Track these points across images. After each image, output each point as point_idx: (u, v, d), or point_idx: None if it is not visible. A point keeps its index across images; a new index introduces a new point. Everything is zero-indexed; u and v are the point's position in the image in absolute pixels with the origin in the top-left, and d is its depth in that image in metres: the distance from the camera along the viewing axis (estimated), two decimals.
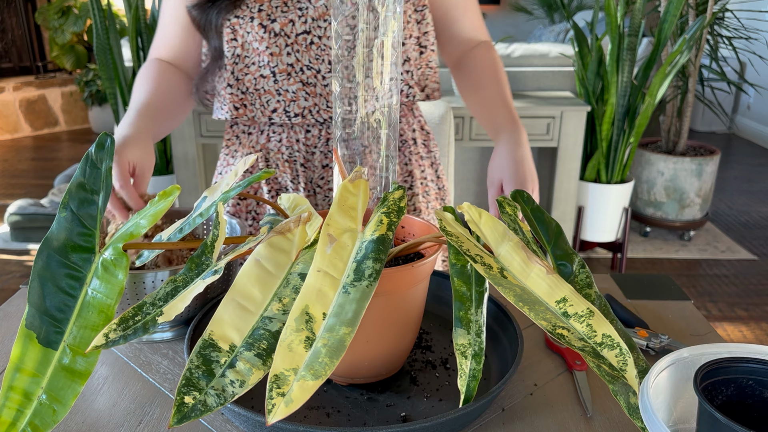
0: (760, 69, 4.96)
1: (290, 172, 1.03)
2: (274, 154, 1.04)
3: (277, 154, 1.03)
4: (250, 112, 1.01)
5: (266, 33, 0.95)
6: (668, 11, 2.64)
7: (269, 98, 0.99)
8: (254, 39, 0.96)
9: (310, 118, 1.00)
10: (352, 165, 0.81)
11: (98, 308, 0.57)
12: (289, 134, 1.02)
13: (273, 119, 1.01)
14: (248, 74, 0.99)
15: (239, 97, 1.00)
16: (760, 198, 3.98)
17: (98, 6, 2.60)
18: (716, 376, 0.51)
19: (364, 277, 0.54)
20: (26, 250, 3.13)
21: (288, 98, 0.99)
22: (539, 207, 0.72)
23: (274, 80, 0.98)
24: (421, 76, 1.06)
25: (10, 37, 5.46)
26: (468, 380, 0.58)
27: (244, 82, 0.99)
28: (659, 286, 0.97)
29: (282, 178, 1.05)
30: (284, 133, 1.02)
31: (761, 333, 2.46)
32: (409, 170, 1.10)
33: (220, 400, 0.50)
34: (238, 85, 1.00)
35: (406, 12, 0.98)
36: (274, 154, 1.03)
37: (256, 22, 0.95)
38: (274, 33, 0.95)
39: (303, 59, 0.97)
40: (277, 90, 0.99)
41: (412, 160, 1.10)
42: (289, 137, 1.02)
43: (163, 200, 0.61)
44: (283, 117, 1.00)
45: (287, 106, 0.99)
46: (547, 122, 2.66)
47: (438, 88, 1.09)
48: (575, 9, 5.63)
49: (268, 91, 0.99)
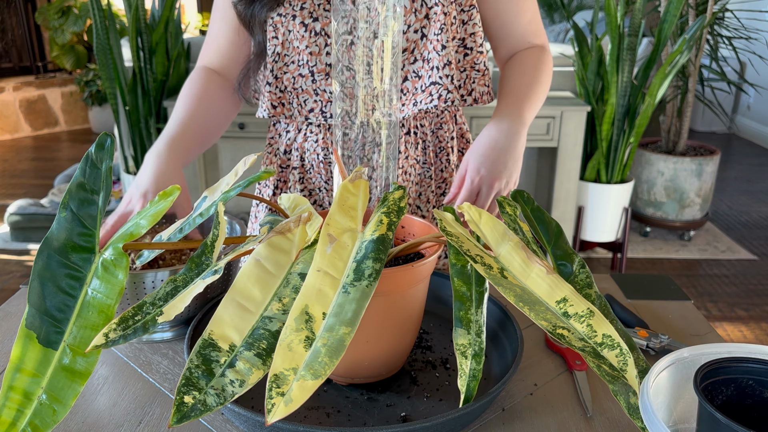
0: (760, 69, 4.96)
1: (324, 173, 1.03)
2: (309, 155, 1.03)
3: (313, 155, 1.03)
4: (287, 111, 1.01)
5: (307, 32, 0.95)
6: (668, 11, 2.64)
7: (307, 98, 0.99)
8: (295, 37, 0.96)
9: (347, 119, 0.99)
10: (353, 165, 0.81)
11: (98, 308, 0.57)
12: (326, 135, 1.01)
13: (309, 119, 1.00)
14: (287, 73, 0.98)
15: (277, 95, 1.00)
16: (760, 198, 3.98)
17: (98, 6, 2.60)
18: (716, 376, 0.51)
19: (363, 276, 0.54)
20: (26, 250, 3.13)
21: (325, 99, 0.98)
22: (539, 207, 0.72)
23: (312, 80, 0.97)
24: (467, 79, 1.02)
25: (10, 37, 5.46)
26: (468, 380, 0.58)
27: (283, 80, 0.99)
28: (659, 286, 0.97)
29: (316, 178, 1.04)
30: (321, 133, 1.02)
31: (761, 333, 2.46)
32: (444, 177, 1.07)
33: (219, 399, 0.50)
34: (277, 84, 0.99)
35: (450, 14, 0.95)
36: (309, 154, 1.03)
37: (298, 20, 0.95)
38: (315, 32, 0.95)
39: (343, 60, 0.97)
40: (315, 90, 0.98)
41: (448, 168, 1.07)
42: (325, 138, 1.01)
43: (163, 200, 0.61)
44: (319, 117, 0.99)
45: (324, 106, 0.99)
46: (547, 122, 2.66)
47: (488, 92, 1.04)
48: (575, 9, 5.63)
49: (306, 90, 0.98)
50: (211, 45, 1.06)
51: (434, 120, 1.04)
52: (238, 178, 0.69)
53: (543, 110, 2.64)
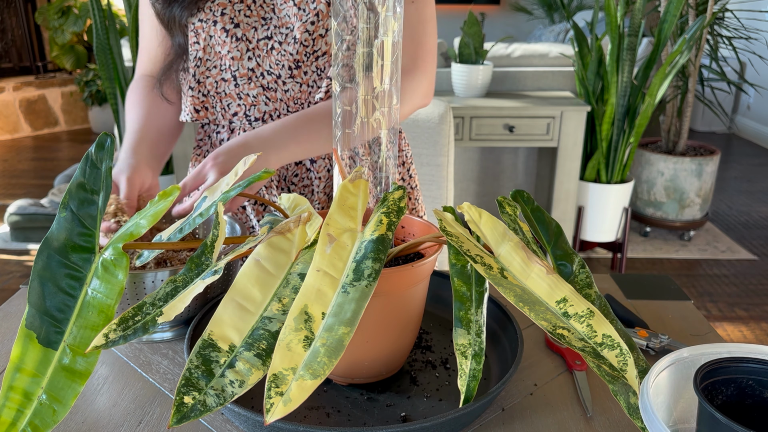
0: (760, 69, 4.96)
1: None
2: None
3: None
4: (211, 115, 1.02)
5: (228, 37, 0.96)
6: (668, 11, 2.64)
7: (230, 101, 1.00)
8: (216, 42, 0.97)
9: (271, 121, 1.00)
10: (352, 165, 0.81)
11: (98, 308, 0.57)
12: None
13: (233, 122, 1.01)
14: (209, 77, 1.00)
15: (200, 99, 1.01)
16: (760, 198, 3.98)
17: (98, 6, 2.60)
18: (716, 376, 0.51)
19: (363, 276, 0.54)
20: (26, 250, 3.13)
21: (248, 102, 0.99)
22: (539, 207, 0.72)
23: (235, 84, 0.99)
24: None
25: (10, 37, 5.46)
26: (468, 380, 0.58)
27: (206, 84, 1.00)
28: (659, 286, 0.97)
29: None
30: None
31: (761, 333, 2.46)
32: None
33: (219, 400, 0.50)
34: (200, 88, 1.01)
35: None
36: None
37: (219, 26, 0.96)
38: (236, 38, 0.96)
39: (264, 64, 0.98)
40: (238, 94, 0.99)
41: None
42: None
43: (163, 200, 0.61)
44: (243, 121, 1.01)
45: (248, 110, 1.00)
46: (547, 122, 2.66)
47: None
48: (575, 9, 5.63)
49: (229, 94, 1.00)
50: (144, 54, 1.08)
51: None
52: (238, 178, 0.69)
53: (543, 110, 2.64)
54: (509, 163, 3.06)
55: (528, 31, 6.44)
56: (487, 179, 3.08)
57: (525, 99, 2.76)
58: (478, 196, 3.08)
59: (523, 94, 2.86)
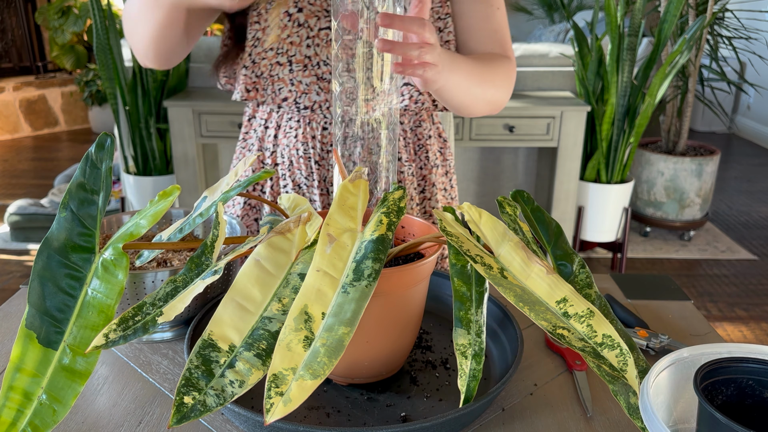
0: (760, 69, 4.96)
1: (305, 168, 1.03)
2: (289, 150, 1.03)
3: (292, 150, 1.03)
4: (261, 97, 1.02)
5: (290, 21, 0.96)
6: (668, 11, 2.64)
7: (282, 86, 1.00)
8: (277, 25, 0.97)
9: (320, 113, 1.00)
10: (353, 165, 0.81)
11: (98, 308, 0.57)
12: (305, 130, 1.02)
13: (282, 107, 1.01)
14: (265, 59, 0.99)
15: (252, 80, 1.01)
16: (760, 198, 3.98)
17: (98, 6, 2.60)
18: (716, 376, 0.51)
19: (363, 276, 0.54)
20: (26, 250, 3.13)
21: (300, 90, 0.99)
22: (539, 207, 0.72)
23: (289, 69, 0.98)
24: None
25: (10, 37, 5.46)
26: (468, 380, 0.58)
27: (260, 66, 1.00)
28: (659, 286, 0.97)
29: (296, 175, 1.04)
30: (300, 129, 1.02)
31: (761, 333, 2.46)
32: (423, 174, 1.08)
33: (219, 400, 0.50)
34: (254, 68, 1.00)
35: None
36: (289, 150, 1.03)
37: (282, 9, 0.96)
38: (298, 23, 0.96)
39: (321, 54, 0.98)
40: (291, 80, 0.99)
41: (428, 165, 1.08)
42: (305, 133, 1.02)
43: (163, 200, 0.61)
44: (292, 107, 1.00)
45: (298, 97, 0.99)
46: (547, 122, 2.66)
47: None
48: (575, 9, 5.63)
49: (282, 79, 0.99)
50: None
51: (413, 117, 1.06)
52: (238, 178, 0.69)
53: (543, 110, 2.64)
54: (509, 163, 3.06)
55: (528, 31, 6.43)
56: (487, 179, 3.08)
57: (525, 99, 2.76)
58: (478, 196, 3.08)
59: (523, 94, 2.86)
